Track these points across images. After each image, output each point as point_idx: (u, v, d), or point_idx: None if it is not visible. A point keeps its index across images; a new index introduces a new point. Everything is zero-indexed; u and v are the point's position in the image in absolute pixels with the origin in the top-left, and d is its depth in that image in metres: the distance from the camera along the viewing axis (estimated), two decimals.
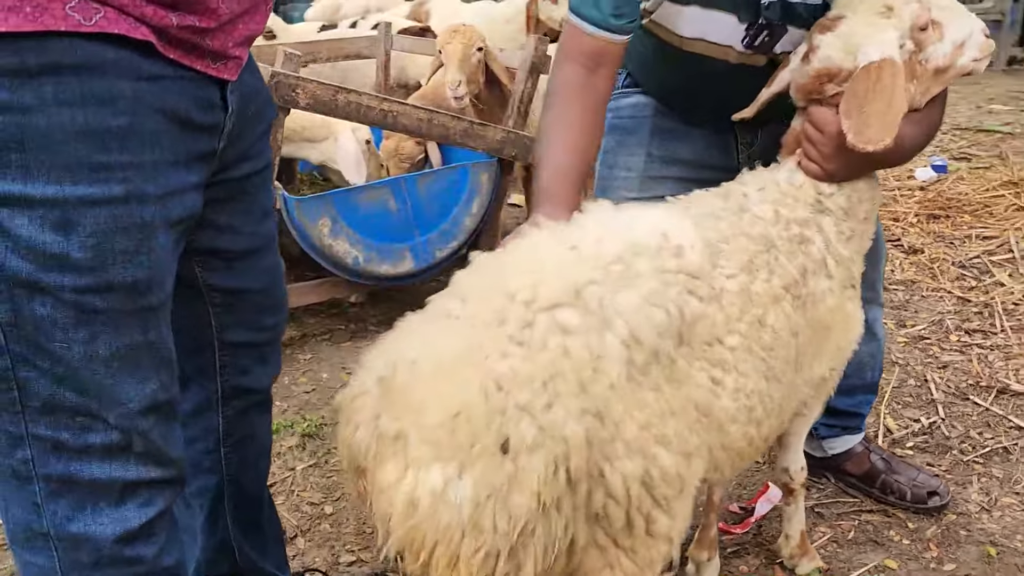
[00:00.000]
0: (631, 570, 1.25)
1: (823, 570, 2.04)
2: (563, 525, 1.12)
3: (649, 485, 1.19)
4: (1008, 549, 2.09)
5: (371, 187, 3.13)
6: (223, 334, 1.50)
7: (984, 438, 2.58)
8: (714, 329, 1.31)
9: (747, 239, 1.43)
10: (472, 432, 1.03)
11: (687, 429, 1.25)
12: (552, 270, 1.21)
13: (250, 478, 1.69)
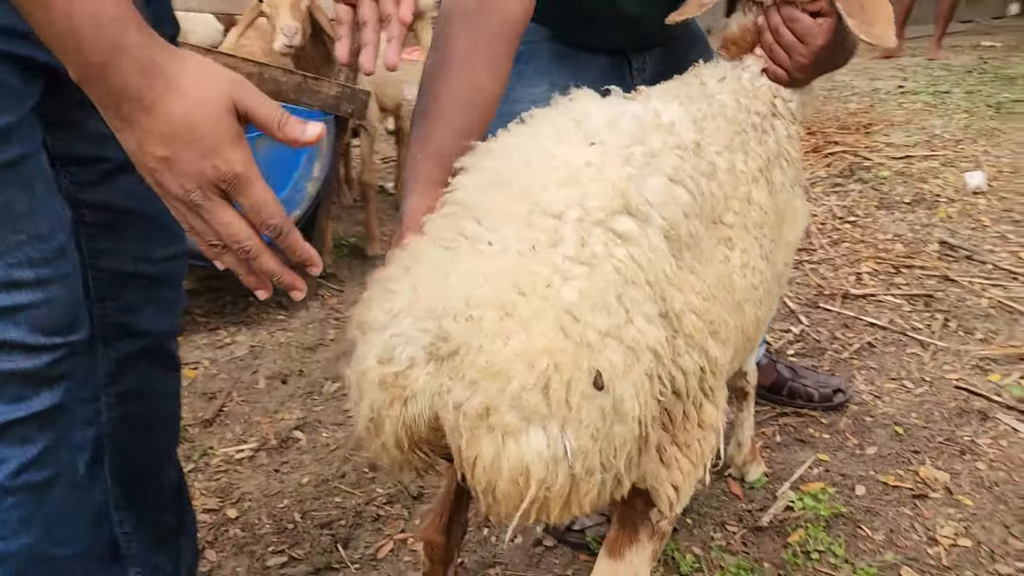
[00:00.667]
0: (687, 467, 1.17)
1: (768, 475, 2.09)
2: (654, 430, 1.02)
3: (702, 377, 1.11)
4: (911, 425, 2.26)
5: None
6: (98, 260, 1.26)
7: (848, 337, 2.79)
8: (716, 206, 1.24)
9: (723, 120, 1.37)
10: (563, 381, 0.88)
11: (725, 313, 1.19)
12: (589, 175, 1.07)
13: (142, 448, 1.41)
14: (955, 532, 1.85)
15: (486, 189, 1.09)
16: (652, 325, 0.98)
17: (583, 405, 0.89)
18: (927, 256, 3.42)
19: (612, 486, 0.98)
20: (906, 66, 7.97)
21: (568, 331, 0.91)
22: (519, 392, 0.87)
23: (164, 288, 1.34)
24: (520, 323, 0.91)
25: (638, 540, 1.17)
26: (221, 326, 3.14)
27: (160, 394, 1.43)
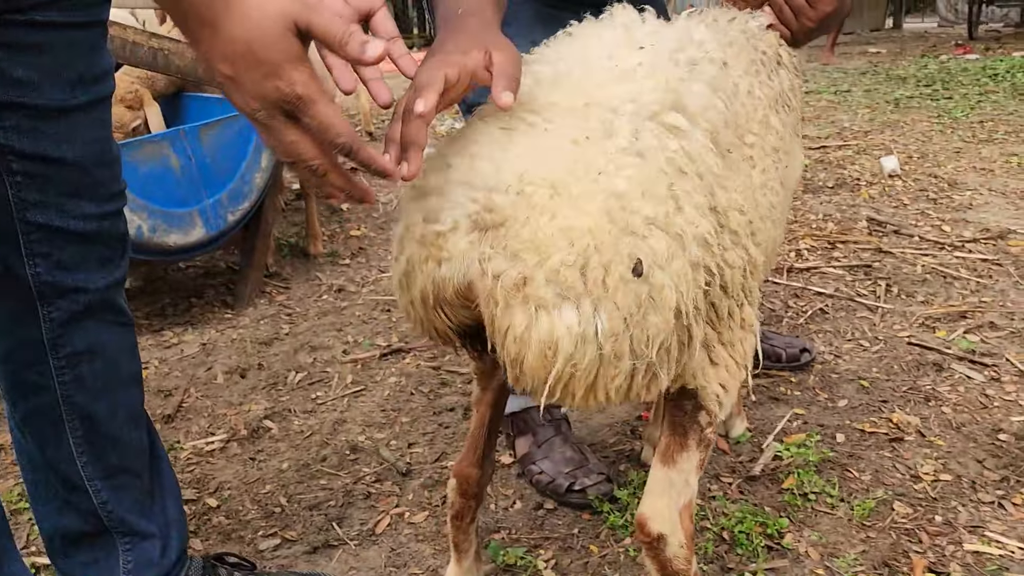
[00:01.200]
0: (732, 367, 1.18)
1: (750, 430, 2.13)
2: (685, 325, 1.03)
3: (745, 274, 1.14)
4: (874, 379, 2.35)
5: (148, 141, 2.62)
6: (26, 212, 1.20)
7: (800, 305, 2.89)
8: (740, 124, 1.28)
9: (739, 47, 1.41)
10: (602, 262, 0.89)
11: (758, 219, 1.23)
12: (642, 73, 1.09)
13: (106, 410, 1.35)
14: (935, 469, 1.93)
15: (541, 86, 1.10)
16: (702, 215, 1.00)
17: (619, 288, 0.90)
18: (858, 232, 3.58)
19: (644, 378, 0.98)
20: (805, 69, 8.35)
21: (613, 216, 0.92)
22: (557, 267, 0.89)
23: (99, 246, 1.27)
24: (567, 202, 0.92)
25: (688, 446, 1.18)
26: (165, 327, 3.00)
27: (115, 351, 1.35)
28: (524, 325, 0.90)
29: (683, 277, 0.96)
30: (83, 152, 1.21)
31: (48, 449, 1.33)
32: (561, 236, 0.89)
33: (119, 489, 1.38)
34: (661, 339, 0.95)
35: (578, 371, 0.91)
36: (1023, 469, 1.91)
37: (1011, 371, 2.36)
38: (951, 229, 3.55)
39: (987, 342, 2.54)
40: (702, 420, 1.17)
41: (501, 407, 1.45)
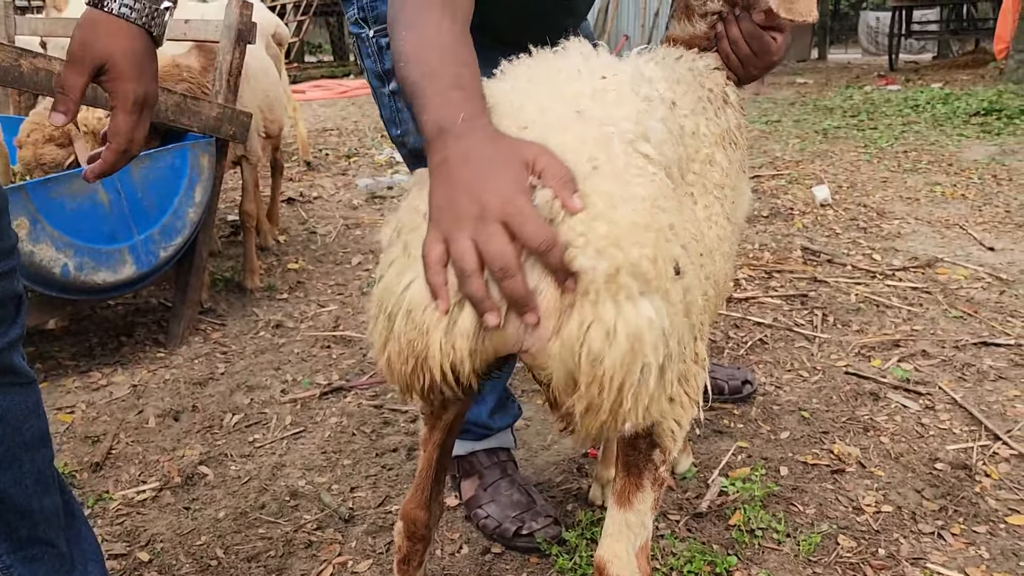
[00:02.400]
0: (686, 402, 1.17)
1: (696, 464, 2.13)
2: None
3: (703, 306, 1.15)
4: (814, 410, 2.39)
5: (75, 175, 2.52)
6: None
7: (740, 336, 2.93)
8: (683, 164, 1.29)
9: (686, 85, 1.42)
10: (661, 260, 0.89)
11: (706, 251, 1.23)
12: (610, 100, 1.09)
13: (9, 478, 1.25)
14: (876, 500, 1.95)
15: (518, 102, 1.09)
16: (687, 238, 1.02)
17: (671, 286, 0.92)
18: (794, 261, 3.65)
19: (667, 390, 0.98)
20: None
21: (655, 216, 0.93)
22: (638, 262, 0.88)
23: None
24: (627, 197, 0.93)
25: (643, 487, 1.16)
26: (93, 368, 2.88)
27: (15, 416, 1.25)
28: (613, 317, 0.87)
29: (699, 283, 0.97)
30: None
31: None
32: (633, 232, 0.89)
33: (32, 561, 1.28)
34: (685, 340, 0.96)
35: (653, 367, 0.89)
36: (960, 498, 1.95)
37: (944, 399, 2.41)
38: (881, 258, 3.65)
39: (920, 371, 2.61)
40: (656, 459, 1.16)
41: (449, 447, 1.41)
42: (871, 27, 17.66)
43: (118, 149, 1.22)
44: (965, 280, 3.35)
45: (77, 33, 1.19)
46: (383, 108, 1.82)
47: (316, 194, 5.37)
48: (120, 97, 1.19)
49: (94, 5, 1.19)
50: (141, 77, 1.21)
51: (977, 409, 2.34)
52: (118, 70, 1.19)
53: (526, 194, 0.89)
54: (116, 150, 1.21)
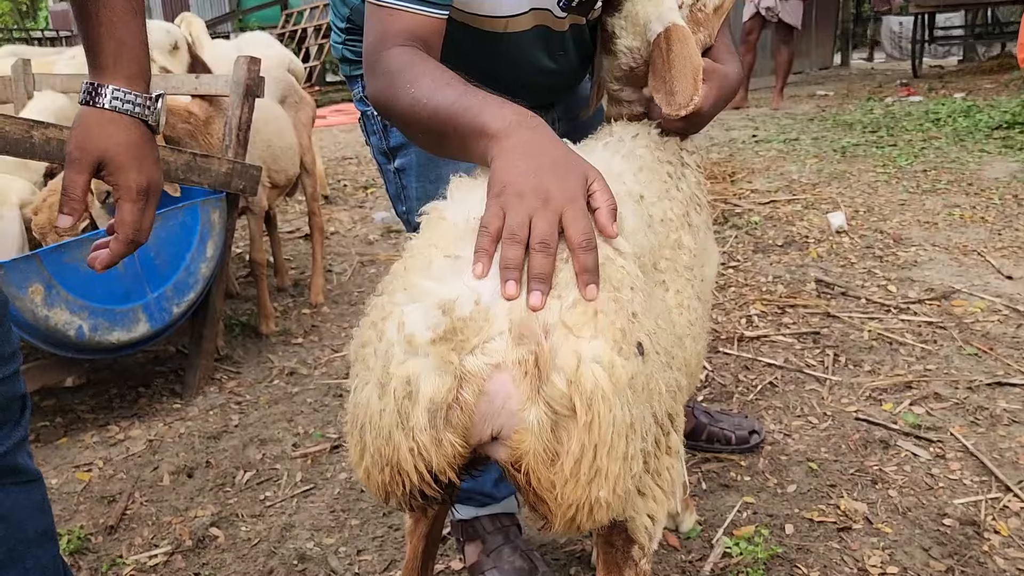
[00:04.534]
0: (660, 496, 1.19)
1: (701, 522, 2.13)
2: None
3: (673, 398, 1.16)
4: (823, 460, 2.37)
5: (88, 239, 2.59)
6: None
7: (751, 379, 2.92)
8: (653, 253, 1.31)
9: (649, 171, 1.44)
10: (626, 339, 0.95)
11: (676, 338, 1.25)
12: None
13: (15, 574, 1.29)
14: (882, 561, 1.94)
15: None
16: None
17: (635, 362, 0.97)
18: (807, 295, 3.63)
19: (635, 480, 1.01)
20: (755, 116, 8.53)
21: (619, 301, 0.99)
22: (607, 330, 0.94)
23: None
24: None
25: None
26: (112, 421, 2.93)
27: (19, 515, 1.28)
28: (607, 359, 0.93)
29: (662, 377, 1.00)
30: None
31: None
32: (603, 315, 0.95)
33: None
34: (641, 426, 0.99)
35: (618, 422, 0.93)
36: (966, 558, 1.93)
37: (955, 447, 2.39)
38: (896, 289, 3.62)
39: (932, 415, 2.58)
40: (635, 555, 1.17)
41: (436, 535, 1.43)
42: (894, 32, 17.44)
43: (125, 240, 1.24)
44: (981, 313, 3.31)
45: (73, 134, 1.22)
46: (388, 184, 1.86)
47: (333, 229, 5.43)
48: (123, 189, 1.22)
49: (86, 103, 1.23)
50: (142, 166, 1.23)
51: (989, 457, 2.31)
52: (117, 163, 1.21)
53: (583, 198, 1.04)
54: (124, 241, 1.24)
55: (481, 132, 1.15)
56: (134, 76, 1.24)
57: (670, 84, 1.48)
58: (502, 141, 1.11)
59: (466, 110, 1.18)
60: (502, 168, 1.07)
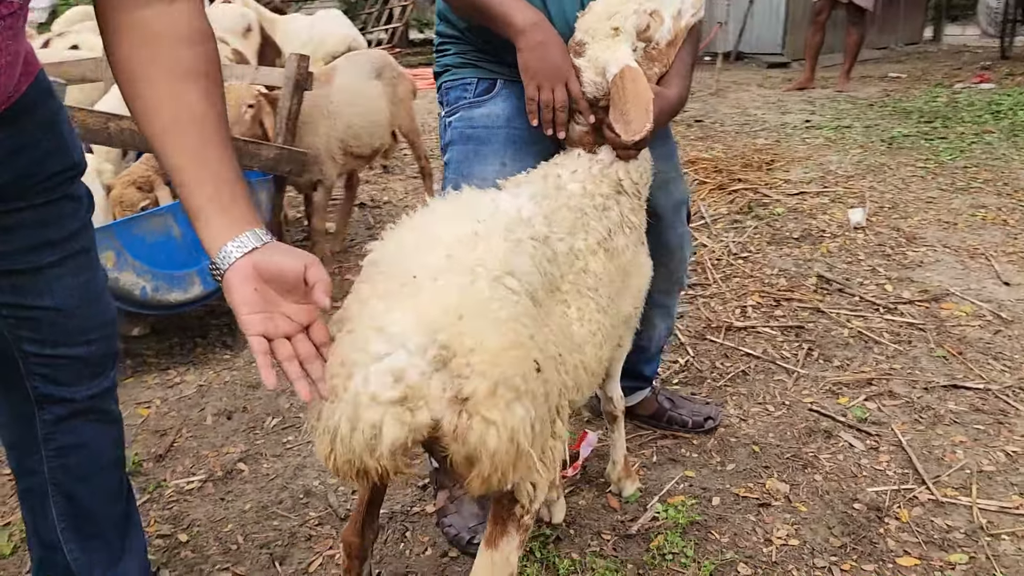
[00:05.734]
0: (543, 470, 1.52)
1: (641, 490, 2.48)
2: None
3: (558, 397, 1.50)
4: (766, 444, 2.68)
5: (153, 215, 3.06)
6: (24, 345, 1.58)
7: (726, 367, 3.22)
8: (555, 280, 1.65)
9: (567, 210, 1.77)
10: (526, 366, 1.28)
11: (567, 353, 1.59)
12: (481, 246, 1.45)
13: (85, 490, 1.74)
14: (787, 534, 2.26)
15: (405, 250, 1.47)
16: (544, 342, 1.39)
17: (535, 386, 1.29)
18: (805, 289, 3.87)
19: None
20: (816, 99, 8.54)
21: (519, 335, 1.30)
22: (509, 375, 1.24)
23: (90, 366, 1.64)
24: (492, 326, 1.28)
25: (508, 532, 1.55)
26: (171, 366, 3.44)
27: (97, 445, 1.73)
28: (498, 418, 1.24)
29: (557, 380, 1.35)
30: (62, 299, 1.57)
31: (36, 518, 1.75)
32: (505, 353, 1.26)
33: (90, 551, 1.77)
34: (549, 422, 1.35)
35: (523, 450, 1.28)
36: (862, 538, 2.23)
37: (891, 441, 2.66)
38: (892, 289, 3.83)
39: (882, 410, 2.85)
40: (517, 511, 1.54)
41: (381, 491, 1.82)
42: (990, 7, 16.72)
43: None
44: (966, 317, 3.51)
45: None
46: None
47: (386, 198, 5.86)
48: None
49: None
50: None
51: (917, 453, 2.58)
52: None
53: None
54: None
55: (509, 23, 1.89)
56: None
57: (627, 115, 1.81)
58: (531, 38, 1.86)
59: (502, 4, 1.89)
60: (531, 59, 1.86)
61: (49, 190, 1.53)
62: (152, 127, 1.30)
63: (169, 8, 1.31)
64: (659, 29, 1.88)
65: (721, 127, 7.33)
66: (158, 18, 1.30)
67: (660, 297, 2.51)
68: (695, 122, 7.51)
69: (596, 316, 1.72)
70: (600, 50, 1.86)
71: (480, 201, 1.61)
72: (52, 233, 1.55)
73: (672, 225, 2.39)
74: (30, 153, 1.48)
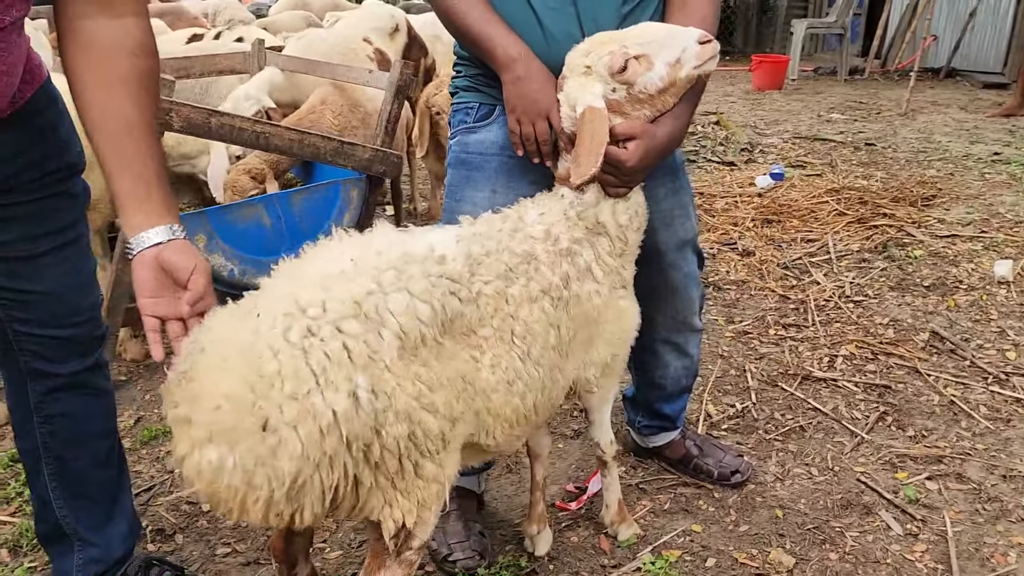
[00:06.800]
0: (406, 507, 1.54)
1: (639, 536, 2.40)
2: (341, 473, 1.40)
3: (416, 441, 1.48)
4: (792, 510, 2.51)
5: (246, 204, 3.33)
6: (15, 325, 1.78)
7: (786, 419, 3.03)
8: (471, 322, 1.62)
9: (510, 253, 1.74)
10: (237, 416, 1.29)
11: (454, 398, 1.56)
12: (338, 285, 1.45)
13: (74, 455, 1.93)
14: None
15: (281, 281, 1.52)
16: (340, 394, 1.36)
17: (249, 437, 1.30)
18: (912, 345, 3.55)
19: (289, 505, 1.38)
20: (1019, 129, 7.71)
21: (254, 387, 1.31)
22: (206, 412, 1.29)
23: (76, 344, 1.84)
24: (225, 372, 1.33)
25: (385, 565, 1.59)
26: None
27: (85, 416, 1.92)
28: (184, 453, 1.33)
29: (310, 437, 1.33)
30: (54, 285, 1.77)
31: (32, 476, 1.98)
32: (211, 392, 1.30)
33: (77, 510, 1.99)
34: (291, 479, 1.33)
35: (223, 492, 1.33)
36: None
37: (936, 530, 2.41)
38: (1015, 357, 3.42)
39: (942, 493, 2.58)
40: (389, 547, 1.57)
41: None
42: None
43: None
44: None
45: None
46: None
47: None
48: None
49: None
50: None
51: (962, 548, 2.32)
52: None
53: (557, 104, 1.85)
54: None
55: (492, 58, 1.94)
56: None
57: (577, 157, 1.79)
58: (511, 73, 1.91)
59: (488, 39, 1.92)
60: (512, 95, 1.91)
61: (47, 186, 1.72)
62: (86, 123, 1.52)
63: (114, 22, 1.50)
64: (645, 74, 1.81)
65: (893, 153, 6.79)
66: (102, 30, 1.50)
67: (668, 335, 2.43)
68: (865, 145, 7.01)
69: (516, 365, 1.69)
70: (574, 87, 1.82)
71: (380, 239, 1.61)
72: (48, 225, 1.74)
73: (675, 264, 2.30)
74: (30, 154, 1.68)
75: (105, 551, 2.04)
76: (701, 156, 6.72)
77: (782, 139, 7.24)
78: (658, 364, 2.51)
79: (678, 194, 2.26)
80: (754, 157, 6.72)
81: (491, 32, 1.92)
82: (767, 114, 8.71)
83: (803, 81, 11.11)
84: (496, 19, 1.94)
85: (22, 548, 2.39)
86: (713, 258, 4.60)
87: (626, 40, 1.82)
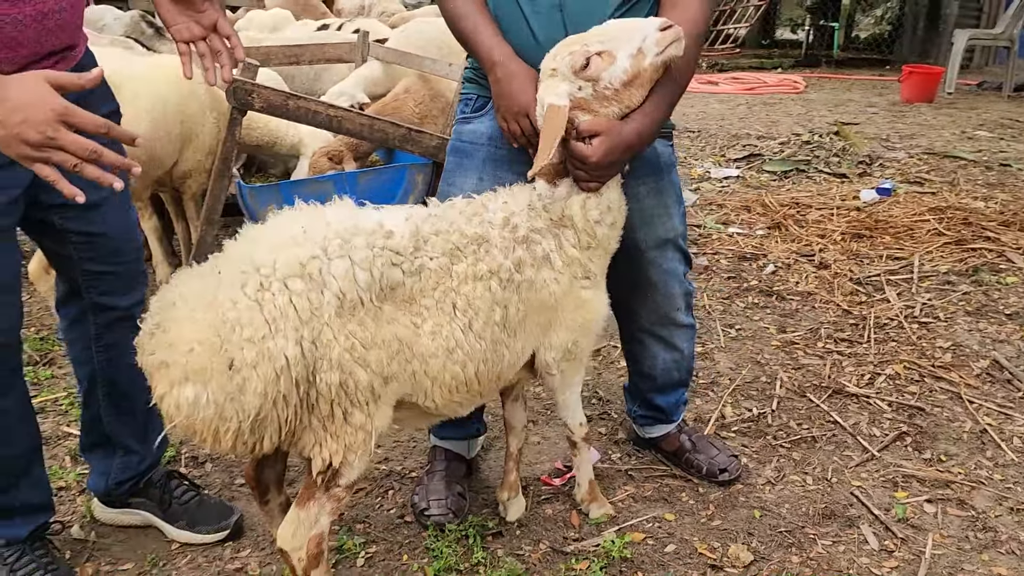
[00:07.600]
0: (333, 448, 1.76)
1: (610, 516, 2.51)
2: (292, 411, 1.66)
3: (347, 390, 1.70)
4: (771, 513, 2.53)
5: (316, 180, 3.66)
6: (85, 264, 2.13)
7: (800, 428, 3.02)
8: (412, 292, 1.81)
9: (459, 235, 1.90)
10: (208, 357, 1.56)
11: (388, 357, 1.76)
12: (288, 249, 1.68)
13: (123, 377, 2.25)
14: None
15: (241, 244, 1.76)
16: (289, 342, 1.61)
17: (219, 375, 1.57)
18: (966, 371, 3.41)
19: (253, 436, 1.65)
20: None
21: (219, 332, 1.58)
22: (181, 355, 1.57)
23: (127, 280, 2.20)
24: (194, 321, 1.60)
25: (314, 496, 1.81)
26: None
27: (133, 345, 2.27)
28: (163, 392, 1.62)
29: (267, 376, 1.60)
30: (111, 228, 2.11)
31: (88, 395, 2.35)
32: (184, 338, 1.59)
33: (122, 423, 2.36)
34: (255, 412, 1.61)
35: (199, 424, 1.61)
36: None
37: (915, 550, 2.37)
38: None
39: (936, 517, 2.52)
40: (318, 480, 1.79)
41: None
42: None
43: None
44: None
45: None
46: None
47: None
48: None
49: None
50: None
51: (934, 572, 2.29)
52: None
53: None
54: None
55: (479, 60, 2.14)
56: None
57: (537, 152, 1.95)
58: (495, 73, 2.06)
59: (476, 43, 2.10)
60: (498, 94, 2.07)
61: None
62: None
63: None
64: (608, 69, 1.92)
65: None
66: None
67: (653, 328, 2.53)
68: (1000, 165, 6.58)
69: (457, 335, 1.86)
70: (543, 88, 1.97)
71: (332, 212, 1.82)
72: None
73: (654, 262, 2.39)
74: (93, 104, 1.96)
75: (141, 458, 2.41)
76: (812, 166, 6.55)
77: (909, 154, 6.91)
78: (646, 355, 2.60)
79: (660, 194, 2.35)
80: (871, 170, 6.47)
81: (479, 36, 2.10)
82: (906, 127, 8.29)
83: (960, 95, 10.45)
84: (486, 23, 2.11)
85: (80, 460, 2.80)
86: (787, 268, 4.54)
87: (588, 39, 1.95)
